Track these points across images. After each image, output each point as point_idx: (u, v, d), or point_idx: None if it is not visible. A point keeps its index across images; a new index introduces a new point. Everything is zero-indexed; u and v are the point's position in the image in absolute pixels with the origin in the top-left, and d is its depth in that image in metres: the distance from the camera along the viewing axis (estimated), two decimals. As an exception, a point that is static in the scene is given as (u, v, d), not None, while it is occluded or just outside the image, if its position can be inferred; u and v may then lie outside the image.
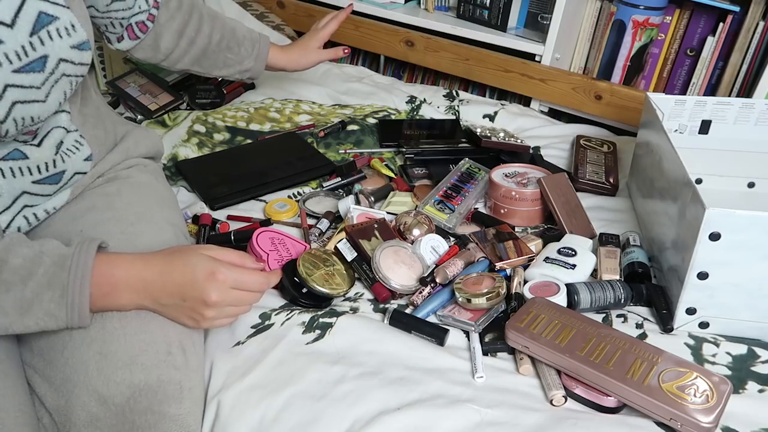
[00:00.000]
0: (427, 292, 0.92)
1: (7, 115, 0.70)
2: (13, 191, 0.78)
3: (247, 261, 0.77)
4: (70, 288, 0.68)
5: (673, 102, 1.17)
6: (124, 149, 0.94)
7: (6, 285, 0.67)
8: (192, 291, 0.72)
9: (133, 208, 0.87)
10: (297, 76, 1.62)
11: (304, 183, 1.21)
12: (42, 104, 0.74)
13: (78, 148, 0.85)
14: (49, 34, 0.71)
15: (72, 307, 0.68)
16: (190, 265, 0.72)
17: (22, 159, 0.77)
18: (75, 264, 0.69)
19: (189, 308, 0.73)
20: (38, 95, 0.73)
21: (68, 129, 0.83)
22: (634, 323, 0.90)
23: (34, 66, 0.70)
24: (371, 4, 1.75)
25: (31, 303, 0.67)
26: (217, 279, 0.71)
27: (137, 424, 0.68)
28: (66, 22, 0.73)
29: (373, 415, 0.73)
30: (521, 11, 1.63)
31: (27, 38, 0.69)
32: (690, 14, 1.44)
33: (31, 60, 0.70)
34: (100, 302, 0.71)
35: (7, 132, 0.72)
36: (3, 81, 0.68)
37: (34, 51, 0.70)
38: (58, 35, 0.72)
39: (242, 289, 0.74)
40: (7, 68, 0.68)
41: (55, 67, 0.73)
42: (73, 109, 0.84)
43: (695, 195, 0.81)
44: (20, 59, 0.69)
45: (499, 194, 1.11)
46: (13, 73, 0.69)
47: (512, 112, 1.49)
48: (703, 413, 0.70)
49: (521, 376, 0.81)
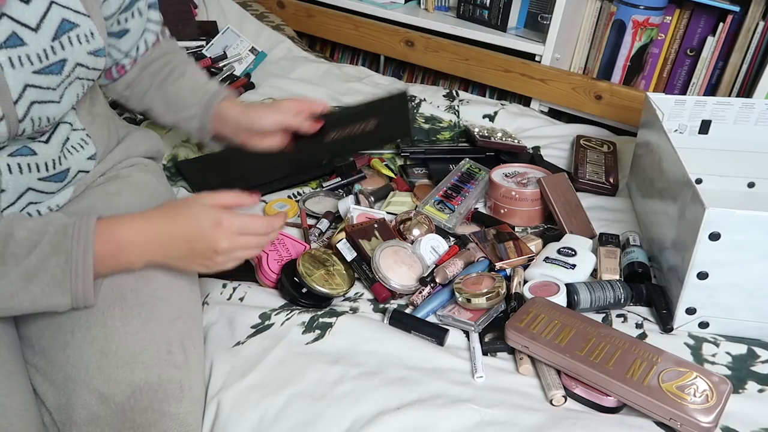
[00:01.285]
0: (426, 292, 0.92)
1: (25, 114, 0.73)
2: (18, 187, 0.79)
3: (243, 199, 0.79)
4: (74, 253, 0.69)
5: (673, 102, 1.17)
6: (125, 148, 0.95)
7: (15, 258, 0.68)
8: (201, 242, 0.74)
9: (133, 207, 0.88)
10: (297, 75, 1.63)
11: (304, 183, 1.21)
12: (57, 105, 0.77)
13: (83, 146, 0.86)
14: (70, 39, 0.75)
15: (76, 274, 0.69)
16: (194, 218, 0.74)
17: (30, 155, 0.78)
18: (77, 230, 0.70)
19: (200, 257, 0.76)
20: (54, 96, 0.75)
21: (74, 126, 0.84)
22: (634, 323, 0.90)
23: (53, 68, 0.74)
24: (371, 4, 1.75)
25: (36, 270, 0.68)
26: (224, 227, 0.74)
27: (138, 422, 0.69)
28: (86, 30, 0.77)
29: (373, 415, 0.73)
30: (521, 11, 1.63)
31: (49, 42, 0.73)
32: (690, 14, 1.44)
33: (51, 63, 0.73)
34: (108, 264, 0.73)
35: (24, 131, 0.74)
36: (23, 81, 0.71)
37: (55, 54, 0.74)
38: (78, 41, 0.76)
39: (248, 233, 0.77)
40: (28, 69, 0.71)
41: (72, 70, 0.76)
42: (82, 108, 0.86)
43: (695, 195, 0.81)
44: (41, 61, 0.72)
45: (499, 194, 1.11)
46: (34, 74, 0.72)
47: (512, 112, 1.49)
48: (702, 413, 0.70)
49: (521, 376, 0.81)
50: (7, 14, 0.69)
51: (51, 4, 0.72)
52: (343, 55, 1.99)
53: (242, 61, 1.64)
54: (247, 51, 1.66)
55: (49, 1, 0.72)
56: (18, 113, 0.72)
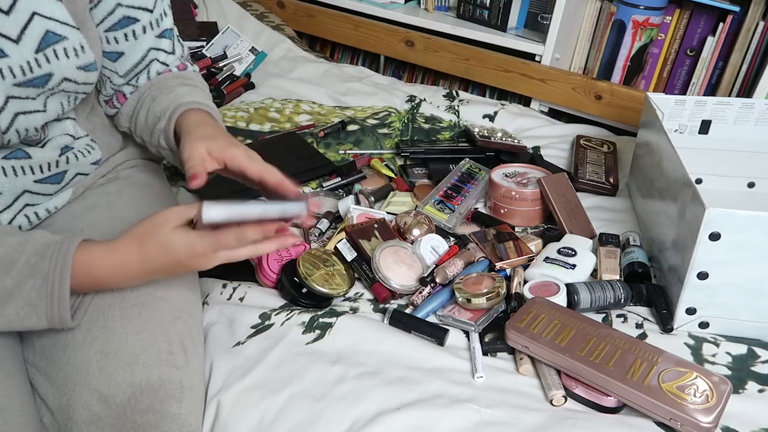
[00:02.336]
0: (427, 292, 0.92)
1: (9, 125, 0.71)
2: (14, 189, 0.78)
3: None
4: (50, 276, 0.67)
5: (673, 102, 1.17)
6: (128, 151, 0.95)
7: None
8: (180, 268, 0.71)
9: (133, 207, 0.88)
10: (297, 76, 1.63)
11: (304, 183, 1.21)
12: (43, 113, 0.75)
13: (89, 152, 0.86)
14: (56, 53, 0.72)
15: (51, 298, 0.67)
16: (166, 248, 0.69)
17: (24, 158, 0.77)
18: (56, 252, 0.68)
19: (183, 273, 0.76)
20: (37, 105, 0.74)
21: (75, 136, 0.84)
22: (634, 323, 0.90)
23: (36, 82, 0.72)
24: (371, 4, 1.75)
25: (11, 292, 0.67)
26: (197, 252, 0.69)
27: (138, 423, 0.68)
28: (75, 43, 0.74)
29: (373, 414, 0.73)
30: (521, 11, 1.63)
31: (32, 54, 0.70)
32: (690, 14, 1.44)
33: (36, 76, 0.71)
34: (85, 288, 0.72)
35: (9, 141, 0.73)
36: (5, 93, 0.69)
37: (39, 68, 0.71)
38: (65, 55, 0.73)
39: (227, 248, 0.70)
40: (9, 81, 0.69)
41: (57, 84, 0.74)
42: (80, 116, 0.85)
43: (695, 195, 0.81)
44: (24, 74, 0.70)
45: (499, 194, 1.11)
46: (15, 87, 0.70)
47: (512, 112, 1.49)
48: (702, 413, 0.70)
49: (521, 376, 0.81)
50: None
51: (33, 15, 0.70)
52: (343, 55, 1.99)
53: (242, 61, 1.64)
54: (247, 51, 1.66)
55: (31, 12, 0.70)
56: (1, 125, 0.71)
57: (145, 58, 0.87)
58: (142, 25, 0.85)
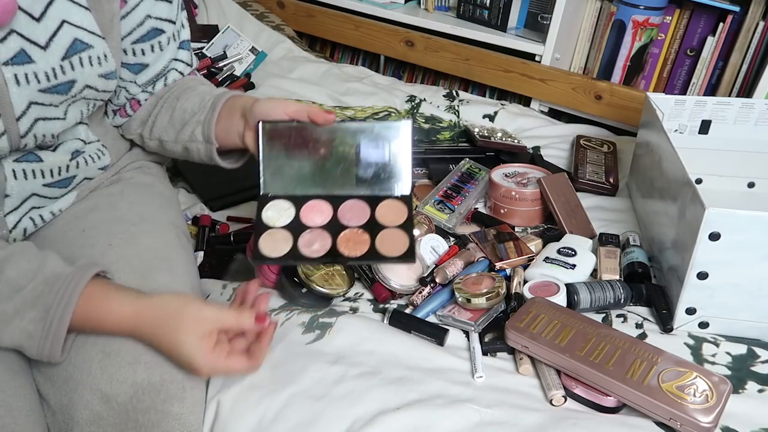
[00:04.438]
0: (426, 292, 0.92)
1: (28, 130, 0.72)
2: (23, 192, 0.79)
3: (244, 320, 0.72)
4: (52, 310, 0.67)
5: (673, 102, 1.17)
6: (131, 153, 0.96)
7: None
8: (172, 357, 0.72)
9: (135, 208, 0.88)
10: (297, 75, 1.63)
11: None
12: (62, 121, 0.76)
13: (99, 157, 0.87)
14: (81, 60, 0.73)
15: (47, 334, 0.67)
16: (175, 346, 0.70)
17: (36, 162, 0.78)
18: (63, 287, 0.68)
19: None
20: (58, 113, 0.75)
21: (86, 140, 0.84)
22: (634, 323, 0.90)
23: (60, 88, 0.73)
24: (371, 4, 1.75)
25: (11, 319, 0.67)
26: (200, 372, 0.70)
27: (140, 422, 0.69)
28: (99, 52, 0.75)
29: (373, 414, 0.73)
30: (521, 11, 1.63)
31: (59, 62, 0.71)
32: (690, 14, 1.44)
33: (60, 82, 0.72)
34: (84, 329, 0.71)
35: (26, 146, 0.74)
36: (28, 98, 0.70)
37: (64, 74, 0.72)
38: (90, 63, 0.75)
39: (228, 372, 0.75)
40: (35, 86, 0.70)
41: (80, 91, 0.75)
42: (93, 121, 0.86)
43: (695, 195, 0.81)
44: (49, 80, 0.71)
45: (499, 194, 1.11)
46: (39, 93, 0.71)
47: (512, 112, 1.49)
48: (702, 413, 0.70)
49: (521, 376, 0.81)
50: (16, 31, 0.68)
51: (63, 23, 0.71)
52: (343, 55, 1.99)
53: (242, 61, 1.64)
54: (247, 51, 1.66)
55: (61, 20, 0.71)
56: (20, 129, 0.72)
57: (166, 68, 0.90)
58: (167, 37, 0.87)
